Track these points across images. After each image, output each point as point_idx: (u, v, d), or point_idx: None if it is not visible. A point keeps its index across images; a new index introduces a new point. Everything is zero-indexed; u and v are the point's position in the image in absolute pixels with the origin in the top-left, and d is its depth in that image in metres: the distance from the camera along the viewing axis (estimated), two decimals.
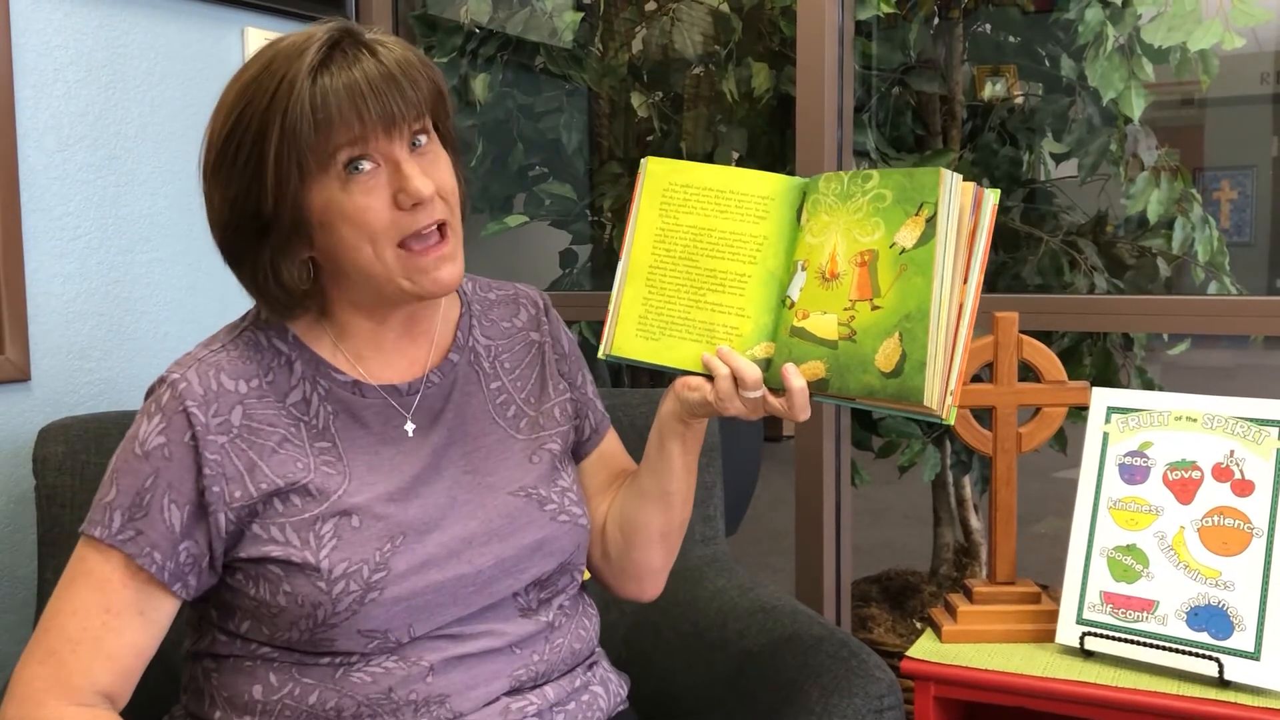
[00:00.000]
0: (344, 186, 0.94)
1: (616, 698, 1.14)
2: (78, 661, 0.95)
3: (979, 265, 0.96)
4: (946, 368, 0.94)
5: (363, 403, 1.03)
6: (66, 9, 1.61)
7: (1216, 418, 1.32)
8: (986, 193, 0.97)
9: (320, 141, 0.92)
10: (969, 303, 0.95)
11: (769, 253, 1.03)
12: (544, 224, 2.51)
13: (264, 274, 0.99)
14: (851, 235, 0.99)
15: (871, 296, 0.97)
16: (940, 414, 0.94)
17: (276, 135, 0.92)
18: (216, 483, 0.96)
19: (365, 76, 0.94)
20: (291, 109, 0.92)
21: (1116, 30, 1.97)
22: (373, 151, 0.95)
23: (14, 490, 1.56)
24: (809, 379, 0.99)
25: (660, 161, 1.07)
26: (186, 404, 0.97)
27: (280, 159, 0.93)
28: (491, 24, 2.40)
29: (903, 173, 0.98)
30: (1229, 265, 2.18)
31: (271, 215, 0.95)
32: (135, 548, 0.95)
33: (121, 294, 1.70)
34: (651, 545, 1.14)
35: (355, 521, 0.98)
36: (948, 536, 2.53)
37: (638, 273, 1.06)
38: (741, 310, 1.02)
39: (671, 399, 1.06)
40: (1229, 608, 1.24)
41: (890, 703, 1.15)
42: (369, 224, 0.95)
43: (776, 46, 2.17)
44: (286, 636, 0.98)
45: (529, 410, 1.12)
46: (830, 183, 1.02)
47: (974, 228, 0.96)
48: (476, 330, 1.13)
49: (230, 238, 0.99)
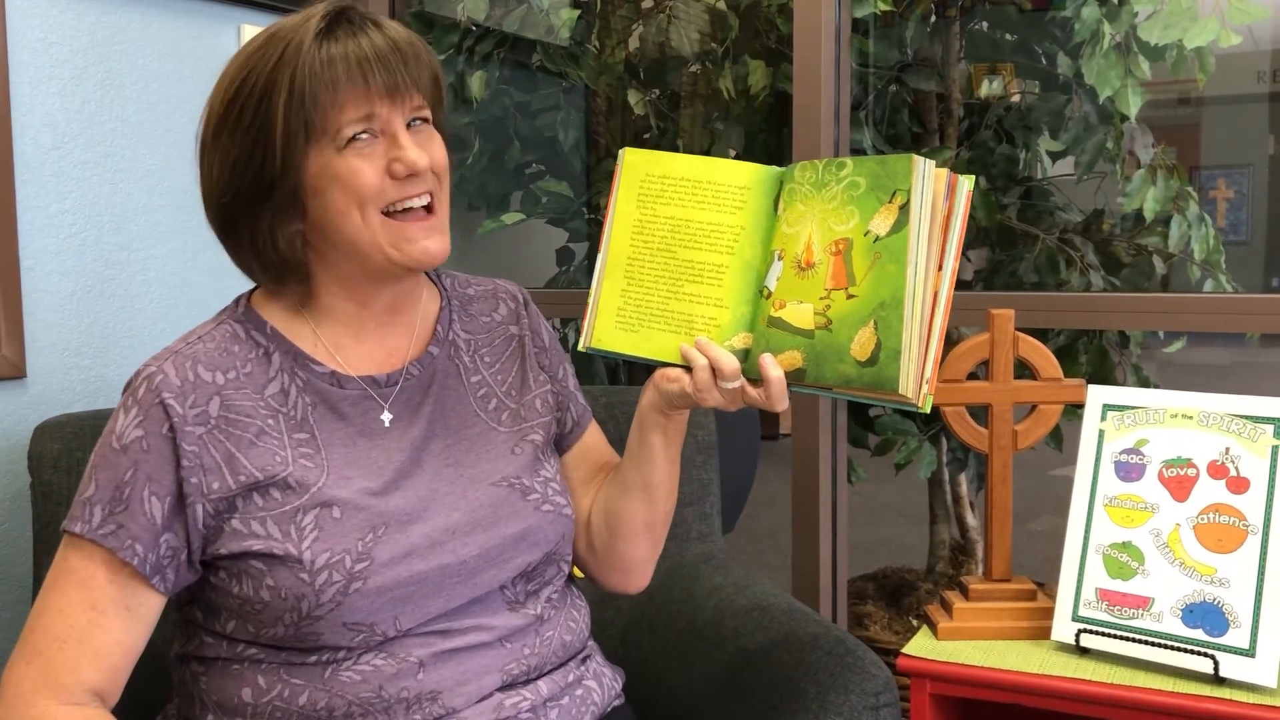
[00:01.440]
0: (339, 152, 0.96)
1: (611, 692, 1.14)
2: (65, 660, 0.94)
3: (954, 252, 0.96)
4: (922, 356, 0.94)
5: (341, 394, 1.03)
6: (62, 5, 1.61)
7: (1212, 415, 1.32)
8: (960, 179, 0.97)
9: (326, 103, 0.94)
10: (944, 290, 0.95)
11: (746, 243, 1.03)
12: (541, 221, 2.50)
13: (264, 239, 0.99)
14: (826, 224, 0.99)
15: (847, 285, 0.97)
16: (915, 402, 0.94)
17: (285, 95, 0.94)
18: (195, 474, 0.96)
19: (372, 45, 0.96)
20: (300, 71, 0.94)
21: (1113, 28, 1.97)
22: (374, 123, 0.97)
23: (9, 488, 1.56)
24: (786, 369, 0.98)
25: (637, 152, 1.07)
26: (163, 395, 0.96)
27: (289, 118, 0.94)
28: (488, 21, 2.40)
29: (876, 160, 0.98)
30: (1225, 263, 2.18)
31: (277, 174, 0.96)
32: (116, 541, 0.95)
33: (117, 291, 1.69)
34: (636, 537, 1.14)
35: (336, 512, 0.98)
36: (944, 534, 2.53)
37: (616, 264, 1.06)
38: (719, 301, 1.02)
39: (651, 391, 1.07)
40: (1224, 605, 1.25)
41: (886, 700, 1.15)
42: (360, 187, 0.96)
43: (773, 44, 2.17)
44: (272, 633, 0.98)
45: (510, 403, 1.12)
46: (805, 171, 1.02)
47: (948, 214, 0.96)
48: (457, 324, 1.13)
49: (229, 205, 0.99)
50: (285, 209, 0.98)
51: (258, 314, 1.04)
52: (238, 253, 1.02)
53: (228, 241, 1.02)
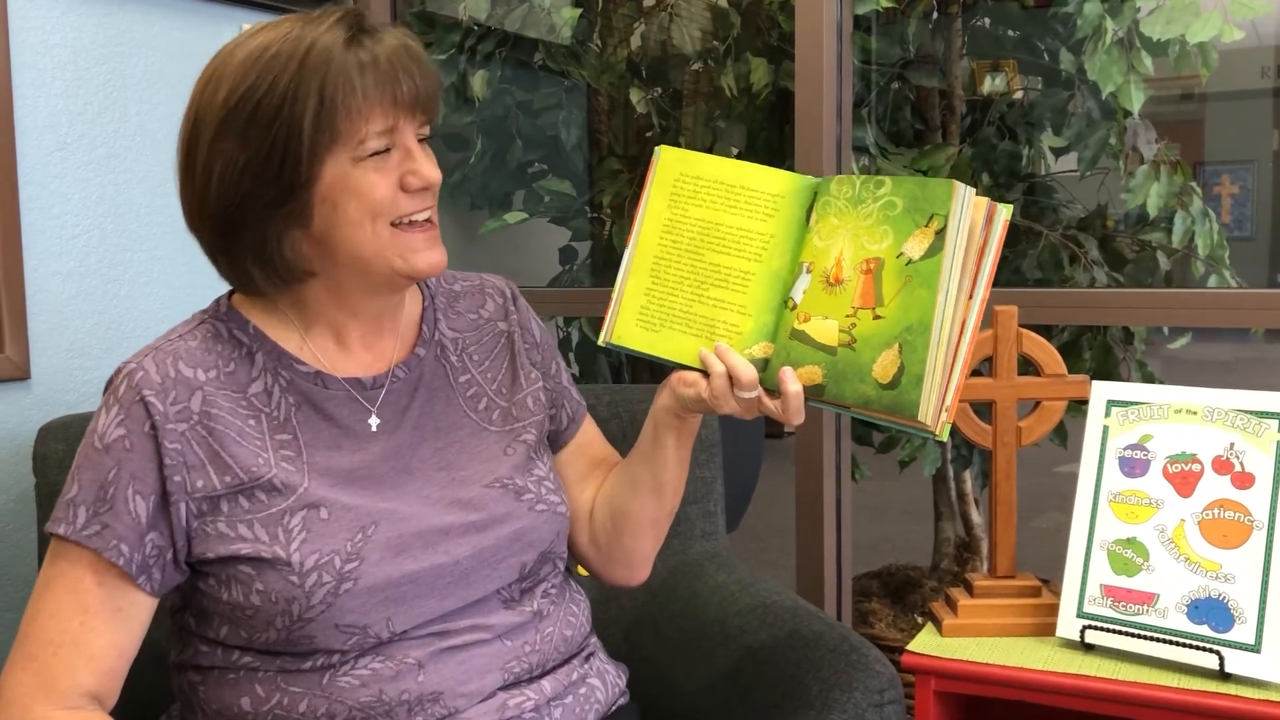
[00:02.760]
0: (356, 163, 0.95)
1: (615, 689, 1.14)
2: (60, 665, 0.94)
3: (985, 282, 0.95)
4: (944, 384, 0.92)
5: (325, 394, 1.02)
6: (65, 7, 1.61)
7: (1216, 410, 1.32)
8: (1000, 208, 0.95)
9: (354, 111, 0.93)
10: (971, 319, 0.94)
11: (775, 251, 1.02)
12: (543, 220, 2.51)
13: (271, 246, 0.97)
14: (859, 241, 0.98)
15: (874, 305, 0.96)
16: (934, 430, 0.93)
17: (315, 101, 0.92)
18: (178, 471, 0.95)
19: (397, 56, 0.96)
20: (331, 77, 0.93)
21: (1115, 23, 1.97)
22: (394, 136, 0.97)
23: (14, 489, 1.56)
24: (805, 383, 0.97)
25: (673, 151, 1.06)
26: (144, 393, 0.96)
27: (318, 123, 0.93)
28: (490, 20, 2.40)
29: (915, 182, 0.97)
30: (1229, 259, 2.18)
31: (299, 180, 0.94)
32: (101, 542, 0.94)
33: (120, 292, 1.70)
34: (643, 532, 1.14)
35: (324, 513, 0.97)
36: (948, 531, 2.53)
37: (643, 263, 1.05)
38: (743, 308, 1.01)
39: (667, 393, 1.06)
40: (1229, 600, 1.24)
41: (891, 697, 1.15)
42: (375, 201, 0.96)
43: (775, 42, 2.17)
44: (265, 638, 0.97)
45: (501, 401, 1.12)
46: (842, 186, 1.01)
47: (984, 243, 0.95)
48: (442, 323, 1.12)
49: (234, 210, 0.96)
50: (297, 215, 0.96)
51: (240, 314, 1.03)
52: (234, 260, 0.99)
53: (224, 248, 0.99)
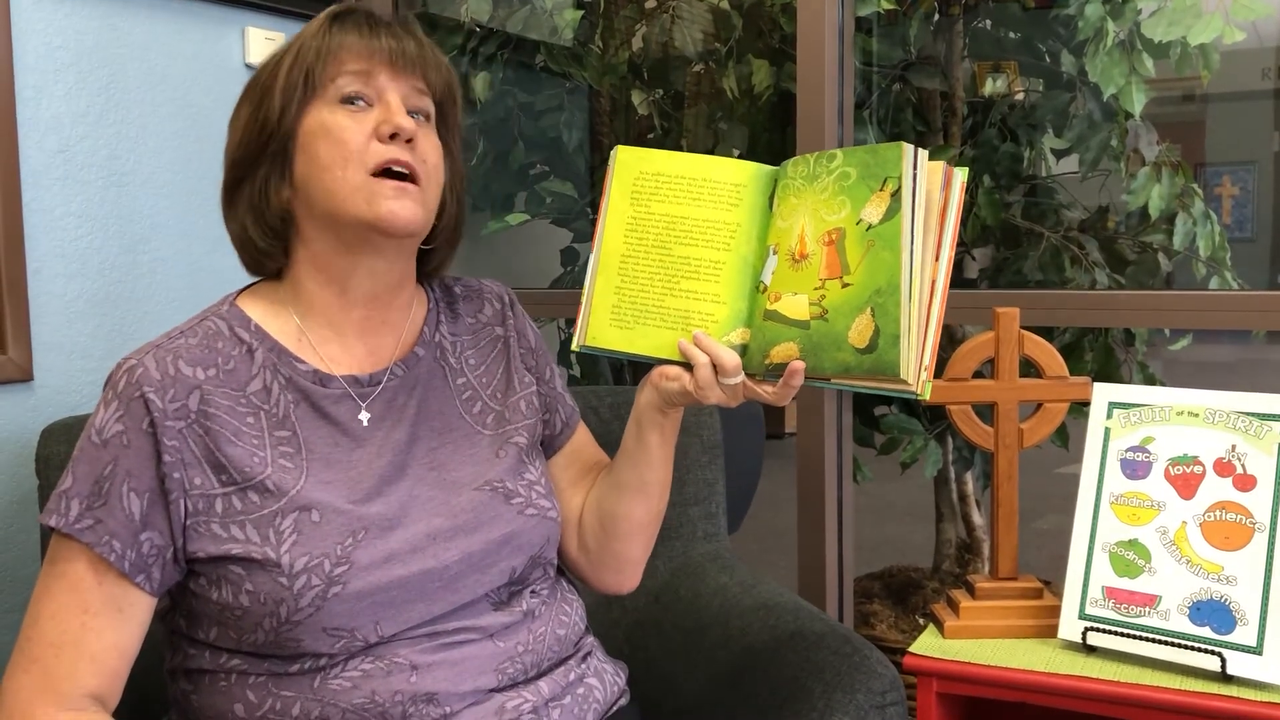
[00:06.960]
0: (333, 110, 1.00)
1: (614, 688, 1.14)
2: (62, 666, 0.94)
3: (949, 242, 0.96)
4: (921, 343, 0.94)
5: (323, 392, 1.03)
6: (67, 9, 1.62)
7: (1218, 412, 1.32)
8: (955, 170, 0.97)
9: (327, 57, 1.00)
10: (940, 279, 0.95)
11: (742, 239, 1.03)
12: (545, 222, 2.51)
13: (259, 195, 1.02)
14: (818, 215, 0.99)
15: (841, 274, 0.97)
16: (915, 389, 0.93)
17: (292, 56, 1.01)
18: (176, 469, 0.95)
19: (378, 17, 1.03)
20: (308, 39, 1.01)
21: (1117, 25, 1.97)
22: (371, 88, 1.01)
23: (17, 490, 1.56)
24: (781, 360, 0.98)
25: (630, 150, 1.07)
26: (143, 390, 0.96)
27: (291, 71, 1.00)
28: (492, 22, 2.40)
29: (866, 149, 0.98)
30: (1230, 260, 2.18)
31: (274, 125, 1.00)
32: (94, 536, 0.94)
33: (124, 293, 1.70)
34: (632, 536, 1.14)
35: (315, 516, 0.97)
36: (950, 532, 2.53)
37: (609, 262, 1.06)
38: (717, 297, 1.02)
39: (649, 390, 1.06)
40: (1231, 602, 1.24)
41: (892, 699, 1.15)
42: (345, 142, 0.99)
43: (777, 43, 2.17)
44: (253, 639, 0.97)
45: (495, 405, 1.12)
46: (798, 166, 1.03)
47: (944, 205, 0.96)
48: (444, 326, 1.13)
49: (235, 167, 1.03)
50: (277, 162, 1.01)
51: (242, 311, 1.04)
52: (235, 218, 1.05)
53: (230, 208, 1.05)
